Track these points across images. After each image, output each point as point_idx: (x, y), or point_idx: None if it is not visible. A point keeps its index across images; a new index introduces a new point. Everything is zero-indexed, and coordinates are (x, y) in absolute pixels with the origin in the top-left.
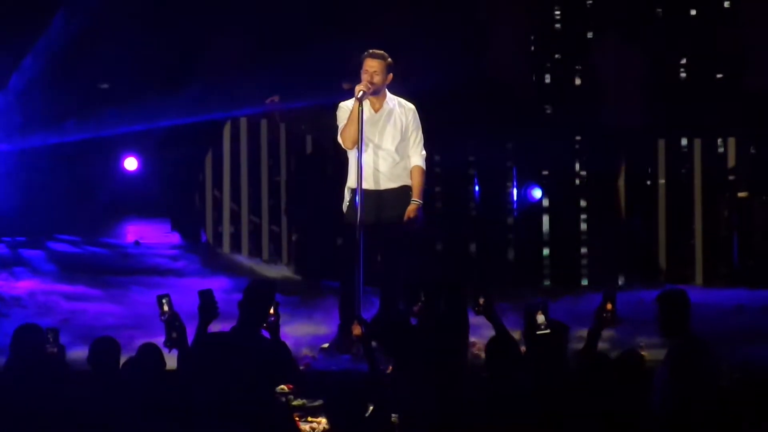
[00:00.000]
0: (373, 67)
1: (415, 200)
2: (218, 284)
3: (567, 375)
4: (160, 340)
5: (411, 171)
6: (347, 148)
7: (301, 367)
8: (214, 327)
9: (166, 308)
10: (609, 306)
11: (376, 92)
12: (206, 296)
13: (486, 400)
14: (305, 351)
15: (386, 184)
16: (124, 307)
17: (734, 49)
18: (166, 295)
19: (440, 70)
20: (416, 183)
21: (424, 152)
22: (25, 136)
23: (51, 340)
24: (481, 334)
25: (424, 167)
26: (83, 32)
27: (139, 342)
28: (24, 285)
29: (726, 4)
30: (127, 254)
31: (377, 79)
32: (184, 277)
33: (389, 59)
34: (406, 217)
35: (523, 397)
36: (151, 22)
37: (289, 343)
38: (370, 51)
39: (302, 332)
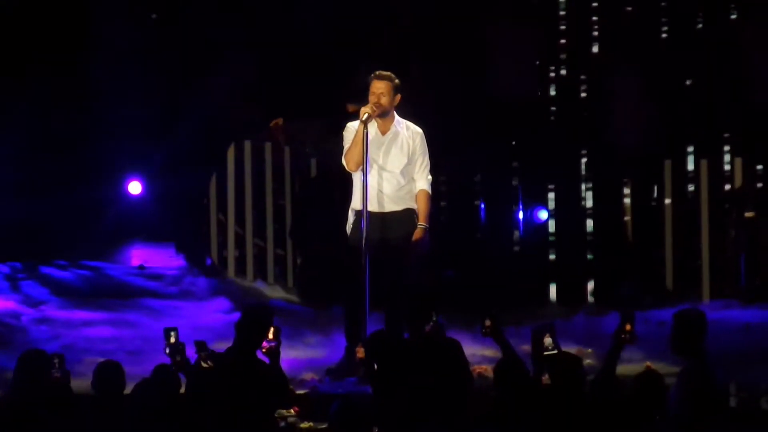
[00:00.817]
0: (380, 88)
1: (422, 224)
2: (222, 307)
3: (584, 399)
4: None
5: (417, 195)
6: (350, 170)
7: (307, 391)
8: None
9: (173, 341)
10: (628, 327)
11: (383, 114)
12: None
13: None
14: (311, 374)
15: (390, 206)
16: (129, 332)
17: (741, 66)
18: (175, 329)
19: (445, 89)
20: (422, 207)
21: (430, 177)
22: (29, 161)
23: (56, 365)
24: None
25: (430, 192)
26: (87, 55)
27: (145, 365)
28: (26, 311)
29: (732, 18)
30: (131, 278)
31: (384, 100)
32: (189, 301)
33: (396, 80)
34: (413, 240)
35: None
36: (155, 45)
37: (295, 366)
38: (377, 72)
39: (308, 355)
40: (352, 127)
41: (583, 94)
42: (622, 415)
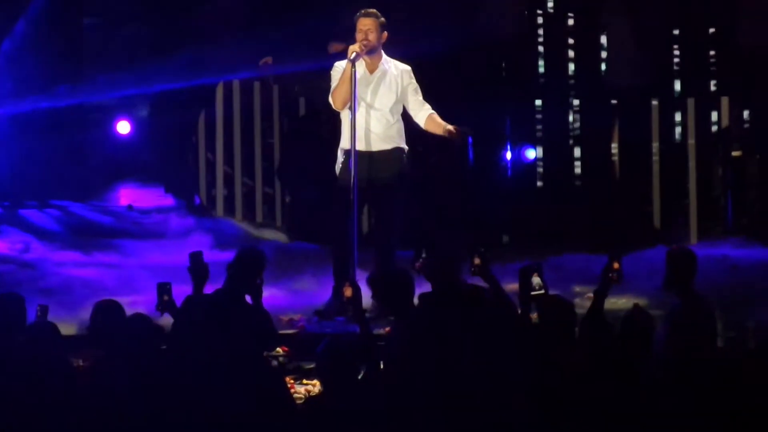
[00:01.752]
0: (366, 25)
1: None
2: (210, 246)
3: (574, 340)
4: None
5: (427, 119)
6: (337, 108)
7: (295, 330)
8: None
9: (165, 298)
10: (616, 265)
11: (371, 52)
12: (196, 259)
13: (486, 363)
14: (299, 314)
15: (379, 145)
16: (118, 272)
17: (729, 6)
18: (168, 285)
19: (432, 31)
20: (440, 122)
21: (427, 105)
22: (16, 101)
23: (39, 314)
24: None
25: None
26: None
27: (134, 307)
28: (15, 249)
29: None
30: (120, 218)
31: (372, 36)
32: (178, 239)
33: (382, 18)
34: (449, 133)
35: (522, 360)
36: None
37: (283, 306)
38: (363, 10)
39: (296, 295)
40: (340, 66)
41: (571, 40)
42: (611, 354)
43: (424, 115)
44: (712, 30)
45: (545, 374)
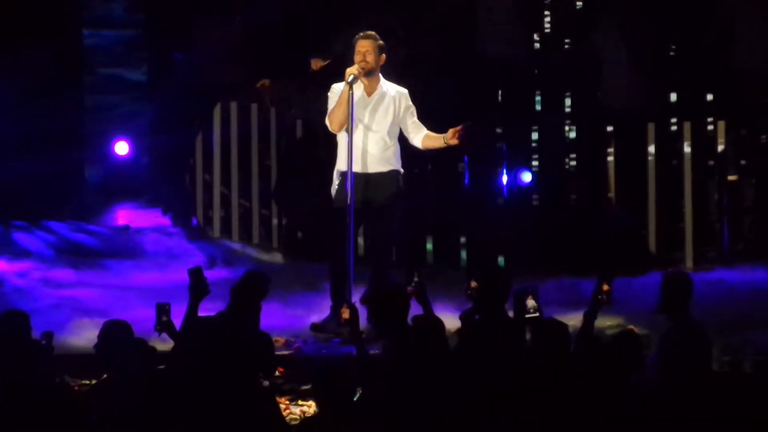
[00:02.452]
0: (365, 47)
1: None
2: (207, 268)
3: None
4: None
5: (424, 138)
6: (334, 130)
7: (291, 352)
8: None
9: (164, 318)
10: (605, 287)
11: (369, 74)
12: (196, 274)
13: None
14: (295, 335)
15: (376, 167)
16: (113, 292)
17: (725, 25)
18: (167, 305)
19: (428, 54)
20: (436, 135)
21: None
22: (14, 120)
23: (45, 341)
24: None
25: None
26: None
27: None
28: (11, 269)
29: None
30: (116, 239)
31: (370, 58)
32: (175, 261)
33: (380, 41)
34: (454, 135)
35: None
36: (143, 5)
37: (279, 327)
38: (362, 33)
39: (292, 316)
40: (337, 89)
41: (567, 59)
42: (600, 375)
43: (421, 135)
44: (708, 53)
45: (536, 396)
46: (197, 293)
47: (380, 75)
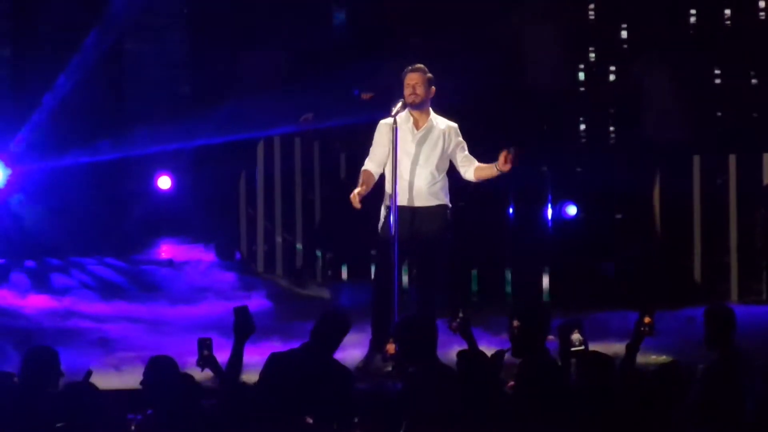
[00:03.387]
0: (414, 79)
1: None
2: (253, 303)
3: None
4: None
5: (476, 170)
6: (368, 168)
7: None
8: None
9: (206, 353)
10: (647, 320)
11: (419, 106)
12: (242, 313)
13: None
14: None
15: (423, 201)
16: (158, 327)
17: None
18: (209, 340)
19: (475, 85)
20: (486, 164)
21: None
22: (59, 155)
23: (85, 378)
24: None
25: None
26: (116, 51)
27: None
28: (57, 304)
29: (761, 13)
30: (160, 273)
31: (419, 90)
32: (219, 296)
33: (429, 73)
34: (506, 160)
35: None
36: (185, 41)
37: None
38: (411, 66)
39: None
40: (383, 128)
41: (612, 84)
42: (643, 407)
43: (472, 168)
44: (754, 82)
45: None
46: (243, 332)
47: (430, 109)
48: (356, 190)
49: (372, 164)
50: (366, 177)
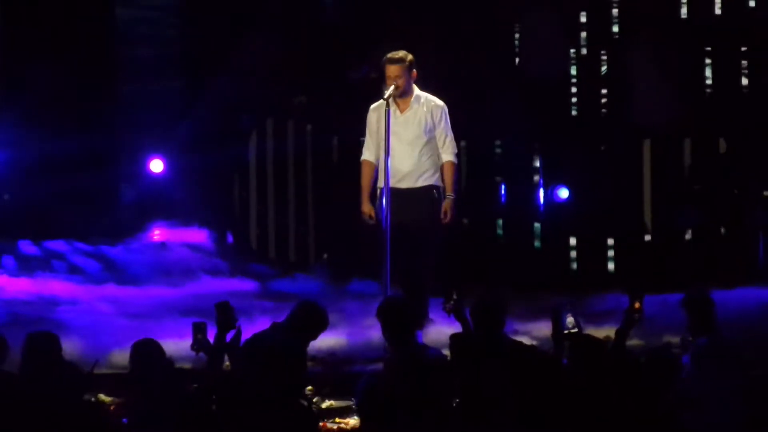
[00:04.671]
0: (394, 72)
1: (449, 195)
2: (244, 286)
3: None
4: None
5: (442, 167)
6: (367, 158)
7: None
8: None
9: (200, 336)
10: (637, 305)
11: (403, 94)
12: (223, 308)
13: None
14: (332, 355)
15: (410, 183)
16: (150, 310)
17: (757, 48)
18: (203, 325)
19: (465, 71)
20: (448, 179)
21: (455, 149)
22: (51, 139)
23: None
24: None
25: (456, 162)
26: (109, 33)
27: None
28: (50, 286)
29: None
30: (153, 256)
31: (400, 82)
32: (212, 278)
33: (408, 58)
34: (442, 215)
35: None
36: (178, 24)
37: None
38: (389, 57)
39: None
40: (373, 114)
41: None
42: (632, 392)
43: (442, 159)
44: (744, 63)
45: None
46: (224, 327)
47: (414, 88)
48: (363, 205)
49: (368, 153)
50: (366, 172)
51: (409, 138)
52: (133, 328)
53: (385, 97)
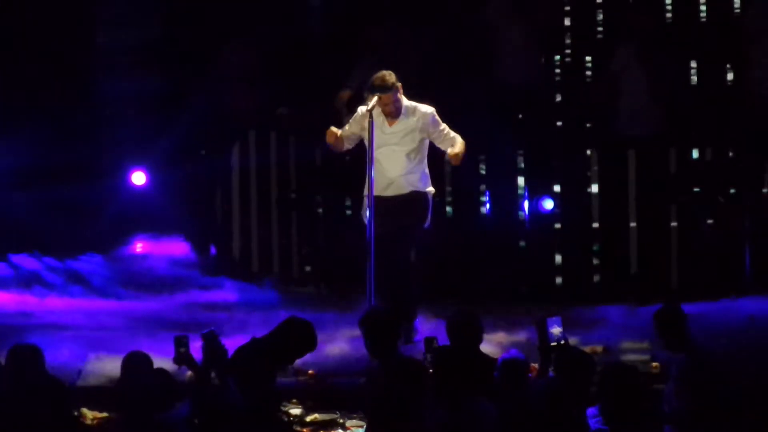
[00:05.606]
0: (386, 101)
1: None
2: (229, 297)
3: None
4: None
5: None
6: (334, 148)
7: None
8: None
9: (182, 350)
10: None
11: (395, 114)
12: (210, 339)
13: None
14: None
15: (397, 191)
16: (134, 322)
17: (741, 55)
18: (185, 338)
19: (449, 80)
20: (460, 145)
21: (458, 137)
22: (29, 151)
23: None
24: None
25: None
26: (89, 42)
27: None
28: (33, 300)
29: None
30: (135, 269)
31: (392, 107)
32: (194, 291)
33: (394, 84)
34: (453, 156)
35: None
36: (159, 35)
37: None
38: (378, 86)
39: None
40: (361, 111)
41: (588, 80)
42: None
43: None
44: (729, 77)
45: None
46: (211, 359)
47: (403, 99)
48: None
49: (344, 133)
50: (335, 134)
51: (400, 147)
52: (113, 340)
53: (369, 107)
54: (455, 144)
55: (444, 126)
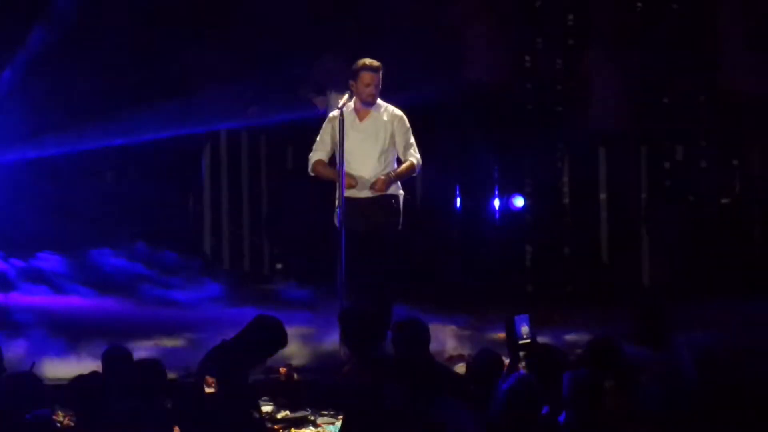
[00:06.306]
0: (375, 79)
1: (389, 173)
2: (201, 294)
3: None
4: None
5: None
6: (312, 170)
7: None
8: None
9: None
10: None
11: (372, 103)
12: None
13: None
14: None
15: (367, 192)
16: (108, 320)
17: (713, 50)
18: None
19: (421, 78)
20: (402, 167)
21: (418, 155)
22: (4, 151)
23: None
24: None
25: (417, 164)
26: (61, 46)
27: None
28: (12, 299)
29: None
30: (107, 269)
31: (377, 90)
32: (168, 290)
33: (382, 68)
34: (372, 186)
35: None
36: (128, 36)
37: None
38: (368, 65)
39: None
40: (332, 120)
41: (559, 80)
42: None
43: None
44: (699, 76)
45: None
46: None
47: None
48: (348, 182)
49: (321, 153)
50: (323, 166)
51: (370, 146)
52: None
53: (340, 105)
54: (407, 160)
55: (410, 135)
